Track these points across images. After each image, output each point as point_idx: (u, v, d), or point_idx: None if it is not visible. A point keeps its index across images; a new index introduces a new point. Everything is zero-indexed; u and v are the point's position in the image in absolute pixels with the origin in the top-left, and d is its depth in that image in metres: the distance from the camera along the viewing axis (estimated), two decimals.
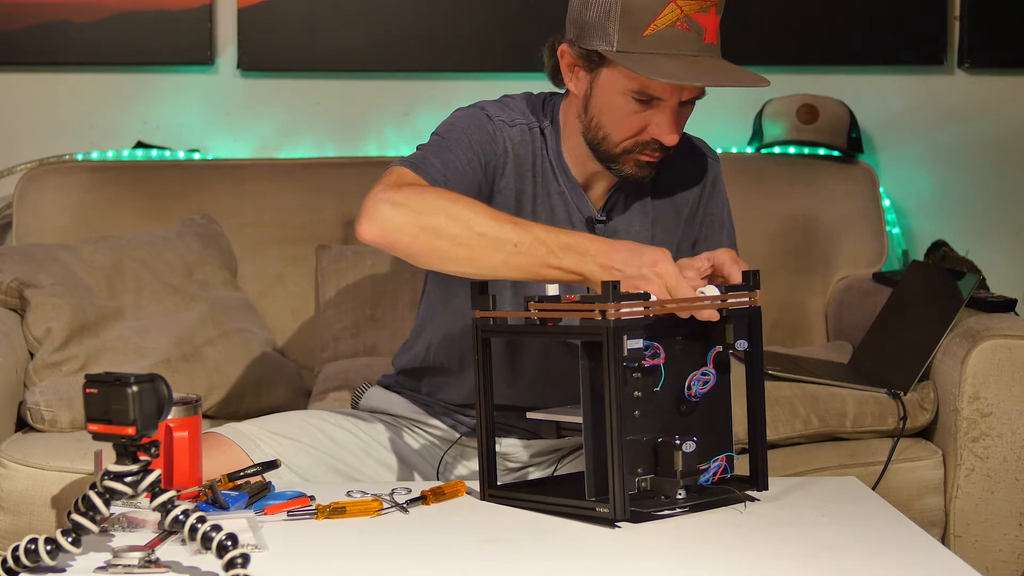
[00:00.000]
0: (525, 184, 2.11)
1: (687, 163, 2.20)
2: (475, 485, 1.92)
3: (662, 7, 1.94)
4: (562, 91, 2.15)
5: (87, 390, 1.54)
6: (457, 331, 2.18)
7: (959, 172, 3.63)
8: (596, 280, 1.80)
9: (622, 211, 2.15)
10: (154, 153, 3.41)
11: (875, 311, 2.91)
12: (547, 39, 2.13)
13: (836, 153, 3.45)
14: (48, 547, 1.55)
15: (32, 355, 2.76)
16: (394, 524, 1.79)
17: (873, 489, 2.28)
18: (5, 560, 1.56)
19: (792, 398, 2.65)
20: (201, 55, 3.46)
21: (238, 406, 2.81)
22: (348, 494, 1.88)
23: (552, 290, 1.83)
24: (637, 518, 1.75)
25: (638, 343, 1.74)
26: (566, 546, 1.69)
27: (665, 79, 1.93)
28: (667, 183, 2.17)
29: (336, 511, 1.80)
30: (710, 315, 1.79)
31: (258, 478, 1.88)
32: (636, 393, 1.78)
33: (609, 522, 1.74)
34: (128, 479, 1.54)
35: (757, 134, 3.51)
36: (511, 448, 2.23)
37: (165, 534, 1.66)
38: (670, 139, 2.01)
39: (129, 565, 1.57)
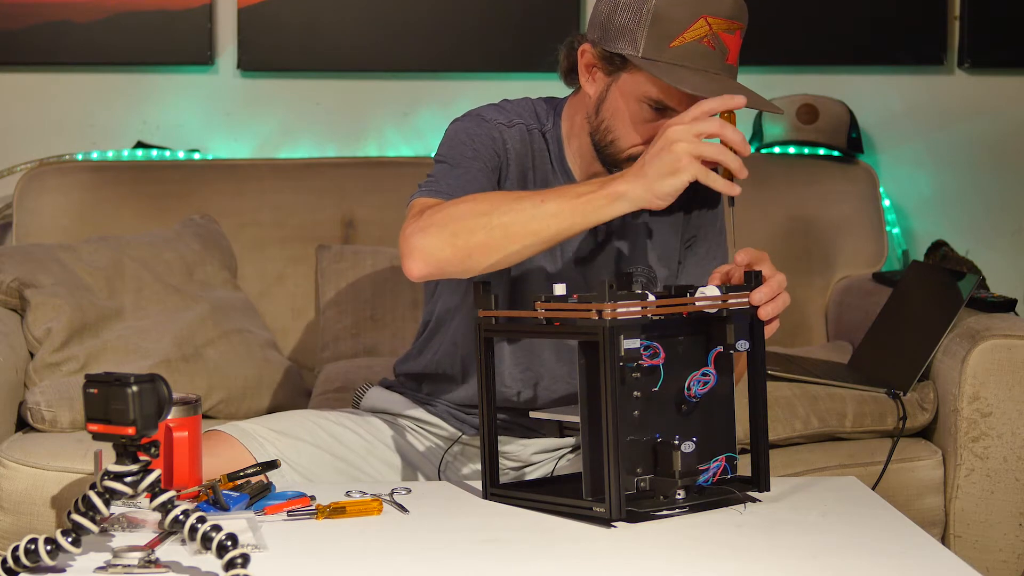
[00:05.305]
0: (527, 184, 2.12)
1: None
2: (477, 484, 1.92)
3: (693, 21, 1.94)
4: (565, 94, 2.16)
5: (87, 390, 1.54)
6: (470, 333, 2.19)
7: (959, 172, 3.63)
8: (637, 194, 1.84)
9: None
10: (154, 153, 3.41)
11: (875, 311, 2.91)
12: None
13: (836, 153, 3.45)
14: (48, 547, 1.55)
15: (32, 355, 2.76)
16: (394, 524, 1.79)
17: (873, 489, 2.28)
18: (5, 560, 1.56)
19: (792, 398, 2.65)
20: (201, 55, 3.46)
21: (238, 406, 2.81)
22: (348, 494, 1.88)
23: (559, 290, 1.83)
24: (634, 518, 1.75)
25: (635, 343, 1.73)
26: (566, 546, 1.69)
27: (689, 89, 1.93)
28: None
29: (336, 511, 1.80)
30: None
31: (259, 478, 1.88)
32: (636, 393, 1.78)
33: (605, 522, 1.74)
34: (128, 479, 1.54)
35: (757, 134, 3.51)
36: (511, 447, 2.23)
37: (165, 534, 1.66)
38: None
39: (129, 565, 1.57)
